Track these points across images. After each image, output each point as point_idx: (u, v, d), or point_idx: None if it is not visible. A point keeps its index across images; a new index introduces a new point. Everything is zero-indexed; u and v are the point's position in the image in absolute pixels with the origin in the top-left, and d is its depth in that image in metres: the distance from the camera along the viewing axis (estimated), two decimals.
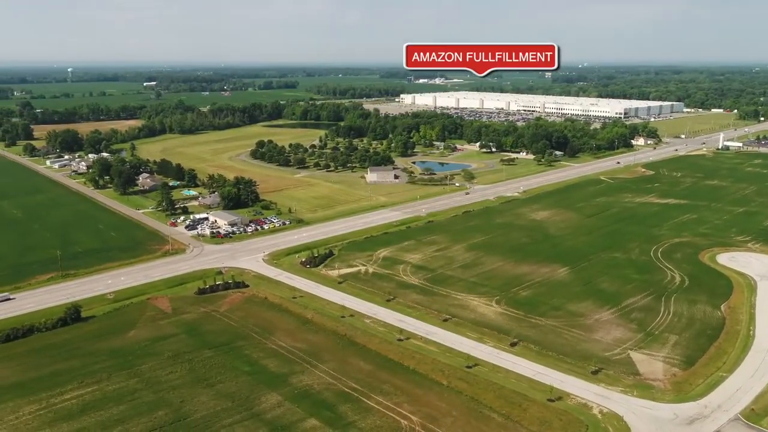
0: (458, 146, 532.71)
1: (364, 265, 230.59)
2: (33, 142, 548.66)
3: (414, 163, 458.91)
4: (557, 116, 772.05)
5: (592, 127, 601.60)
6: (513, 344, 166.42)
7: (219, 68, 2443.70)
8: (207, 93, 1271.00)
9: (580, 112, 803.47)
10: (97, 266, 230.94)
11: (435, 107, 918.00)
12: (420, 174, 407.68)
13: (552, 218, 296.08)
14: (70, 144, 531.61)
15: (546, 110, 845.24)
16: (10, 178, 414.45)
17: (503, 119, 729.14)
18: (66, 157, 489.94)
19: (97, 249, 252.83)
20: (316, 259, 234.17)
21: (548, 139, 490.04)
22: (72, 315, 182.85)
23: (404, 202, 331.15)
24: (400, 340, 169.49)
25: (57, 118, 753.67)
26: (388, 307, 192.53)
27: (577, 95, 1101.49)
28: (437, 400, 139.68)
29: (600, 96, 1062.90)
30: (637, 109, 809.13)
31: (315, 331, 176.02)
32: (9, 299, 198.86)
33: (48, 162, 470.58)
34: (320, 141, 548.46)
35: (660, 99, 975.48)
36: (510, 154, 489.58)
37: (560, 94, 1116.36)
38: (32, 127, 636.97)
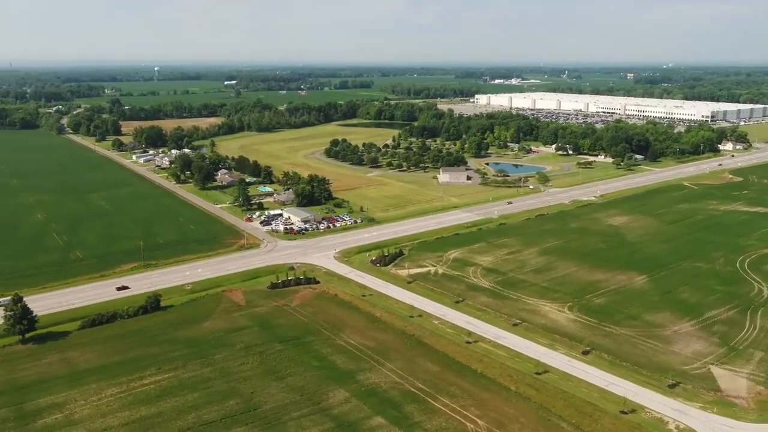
0: (533, 148, 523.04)
1: (434, 266, 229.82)
2: (121, 138, 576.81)
3: (487, 164, 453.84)
4: (638, 119, 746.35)
5: (675, 131, 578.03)
6: (585, 352, 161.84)
7: (296, 68, 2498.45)
8: (284, 92, 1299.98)
9: (663, 115, 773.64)
10: (177, 258, 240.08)
11: (510, 108, 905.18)
12: (493, 175, 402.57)
13: (630, 224, 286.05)
14: (155, 140, 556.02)
15: (627, 112, 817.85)
16: (100, 172, 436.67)
17: (581, 121, 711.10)
18: (151, 152, 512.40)
19: (177, 241, 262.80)
20: (386, 258, 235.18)
21: (628, 142, 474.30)
22: (152, 303, 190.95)
23: (476, 204, 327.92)
24: (468, 342, 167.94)
25: (143, 114, 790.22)
26: (457, 308, 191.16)
27: (661, 97, 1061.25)
28: (505, 405, 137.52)
29: (685, 98, 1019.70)
30: (725, 112, 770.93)
31: (383, 330, 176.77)
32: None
33: (134, 157, 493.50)
34: (393, 140, 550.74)
35: (751, 102, 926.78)
36: (587, 157, 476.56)
37: (642, 96, 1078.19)
38: (120, 123, 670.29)
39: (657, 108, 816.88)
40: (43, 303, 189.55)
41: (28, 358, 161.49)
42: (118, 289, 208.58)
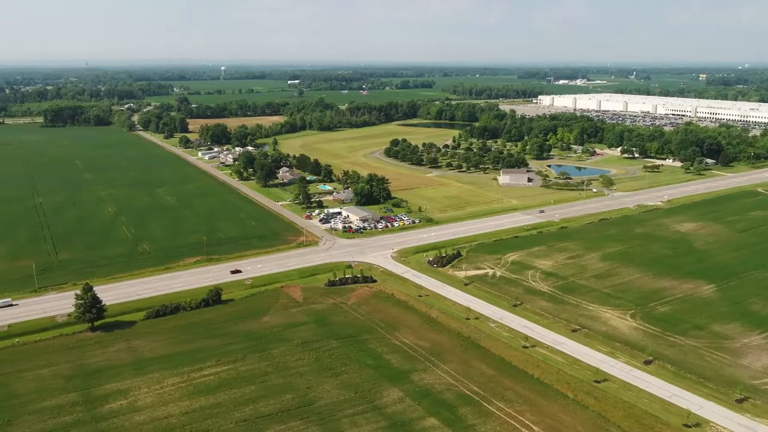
0: (597, 151, 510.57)
1: (491, 268, 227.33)
2: (188, 135, 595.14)
3: (549, 166, 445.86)
4: (710, 121, 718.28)
5: (750, 134, 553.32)
6: (647, 362, 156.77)
7: (358, 67, 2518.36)
8: (346, 91, 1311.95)
9: (737, 118, 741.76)
10: (238, 253, 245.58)
11: (574, 109, 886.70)
12: (555, 178, 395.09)
13: (698, 231, 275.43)
14: (220, 137, 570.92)
15: (698, 115, 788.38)
16: (167, 168, 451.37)
17: (648, 123, 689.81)
18: (215, 149, 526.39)
19: (239, 237, 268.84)
20: (443, 258, 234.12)
21: (699, 146, 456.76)
22: (214, 297, 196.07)
23: (537, 206, 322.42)
24: (525, 347, 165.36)
25: (209, 113, 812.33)
26: (514, 312, 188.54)
27: (735, 99, 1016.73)
28: (561, 412, 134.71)
29: (762, 100, 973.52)
30: None
31: (439, 331, 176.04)
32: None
33: (200, 153, 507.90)
34: (453, 141, 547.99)
35: None
36: (654, 160, 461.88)
37: (715, 98, 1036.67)
38: (188, 120, 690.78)
39: (731, 110, 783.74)
40: (112, 293, 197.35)
41: (97, 345, 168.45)
42: (232, 272, 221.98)
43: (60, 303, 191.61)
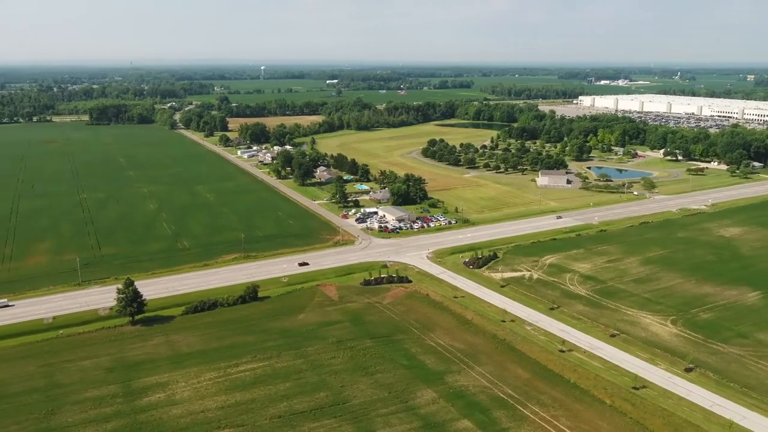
0: (639, 153, 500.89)
1: (528, 271, 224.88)
2: (227, 134, 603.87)
3: (589, 168, 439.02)
4: (758, 123, 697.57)
5: None
6: (688, 369, 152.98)
7: (397, 67, 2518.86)
8: (384, 91, 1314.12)
9: None
10: (275, 251, 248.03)
11: (616, 110, 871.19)
12: (595, 180, 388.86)
13: (744, 236, 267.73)
14: (259, 136, 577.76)
15: (745, 116, 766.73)
16: (207, 166, 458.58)
17: (693, 125, 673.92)
18: (254, 148, 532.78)
19: (276, 235, 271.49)
20: (479, 260, 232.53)
21: (746, 149, 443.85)
22: (250, 294, 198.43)
23: (576, 209, 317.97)
24: (561, 351, 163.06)
25: (249, 112, 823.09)
26: (551, 315, 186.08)
27: None
28: (598, 418, 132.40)
29: None
30: None
31: (474, 333, 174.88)
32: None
33: (239, 152, 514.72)
34: (491, 141, 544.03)
35: None
36: (698, 163, 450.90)
37: (764, 99, 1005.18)
38: (228, 119, 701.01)
39: None
40: (152, 288, 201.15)
41: (137, 338, 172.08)
42: (300, 264, 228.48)
43: (102, 296, 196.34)
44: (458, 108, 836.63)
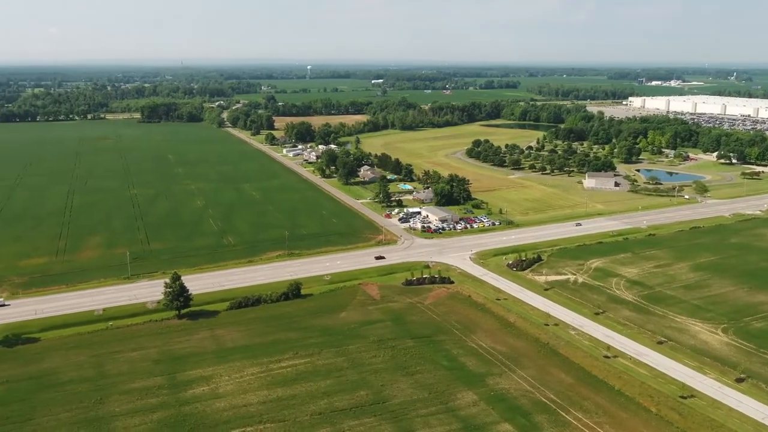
0: (691, 155, 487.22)
1: (573, 274, 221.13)
2: (273, 132, 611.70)
3: (638, 170, 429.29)
4: None
5: None
6: (740, 380, 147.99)
7: (442, 67, 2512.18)
8: (429, 91, 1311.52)
9: None
10: (318, 249, 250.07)
11: (667, 111, 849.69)
12: (644, 183, 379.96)
13: None
14: (304, 135, 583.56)
15: None
16: (253, 164, 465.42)
17: (749, 127, 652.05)
18: (299, 146, 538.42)
19: (319, 233, 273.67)
20: (523, 262, 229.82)
21: None
22: (293, 291, 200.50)
23: (623, 212, 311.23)
24: (606, 356, 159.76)
25: (295, 111, 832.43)
26: (596, 320, 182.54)
27: None
28: (643, 427, 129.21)
29: None
30: None
31: (516, 336, 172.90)
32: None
33: (284, 151, 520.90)
34: (537, 143, 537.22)
35: None
36: (754, 167, 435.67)
37: None
38: (274, 118, 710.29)
39: None
40: (198, 283, 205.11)
41: (183, 332, 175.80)
42: (377, 258, 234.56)
43: (150, 290, 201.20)
44: (504, 108, 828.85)
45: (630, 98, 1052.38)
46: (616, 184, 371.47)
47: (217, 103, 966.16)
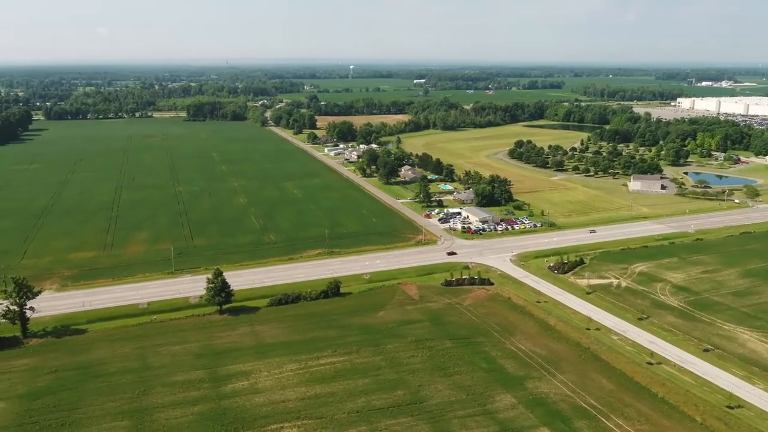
0: (742, 158, 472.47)
1: (617, 278, 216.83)
2: (315, 132, 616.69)
3: (686, 173, 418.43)
4: None
5: None
6: None
7: (485, 67, 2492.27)
8: (471, 91, 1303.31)
9: None
10: (357, 248, 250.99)
11: (718, 113, 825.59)
12: (692, 186, 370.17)
13: None
14: (345, 134, 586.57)
15: None
16: (295, 162, 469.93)
17: None
18: (341, 146, 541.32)
19: (359, 232, 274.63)
20: (565, 265, 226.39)
21: None
22: (333, 289, 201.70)
23: (670, 216, 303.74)
24: (650, 363, 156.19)
25: (337, 110, 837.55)
26: (639, 326, 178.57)
27: None
28: None
29: None
30: None
31: (557, 339, 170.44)
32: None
33: (326, 150, 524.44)
34: (582, 144, 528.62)
35: None
36: None
37: None
38: (316, 117, 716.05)
39: None
40: (239, 279, 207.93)
41: (224, 327, 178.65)
42: (448, 254, 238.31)
43: (193, 285, 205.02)
44: (547, 109, 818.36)
45: (678, 99, 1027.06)
46: (663, 187, 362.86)
47: (260, 102, 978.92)
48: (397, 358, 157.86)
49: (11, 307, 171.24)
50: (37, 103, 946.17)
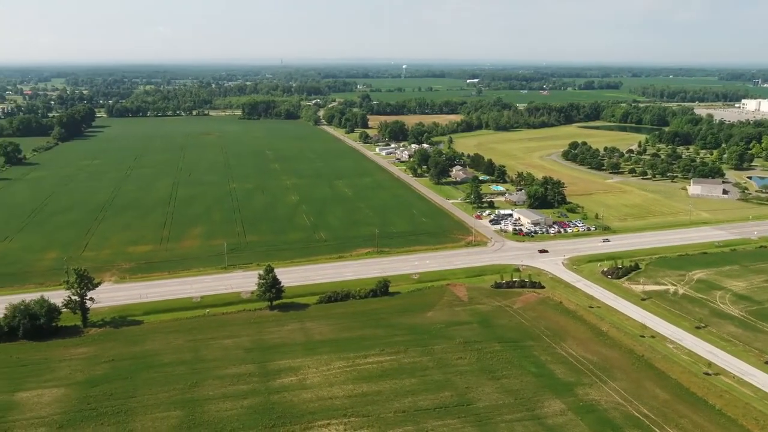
0: None
1: (673, 285, 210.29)
2: (367, 131, 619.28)
3: (750, 178, 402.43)
4: None
5: None
6: None
7: (540, 67, 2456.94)
8: (525, 91, 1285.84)
9: None
10: (407, 247, 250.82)
11: None
12: (756, 191, 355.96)
13: None
14: (397, 134, 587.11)
15: None
16: (347, 161, 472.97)
17: None
18: (392, 145, 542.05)
19: (408, 232, 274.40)
20: (619, 270, 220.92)
21: None
22: (381, 288, 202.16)
23: (732, 221, 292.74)
24: (707, 374, 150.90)
25: (389, 109, 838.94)
26: (697, 335, 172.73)
27: None
28: None
29: None
30: None
31: (609, 346, 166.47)
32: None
33: (377, 149, 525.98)
34: (639, 146, 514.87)
35: None
36: None
37: None
38: (368, 117, 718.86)
39: None
40: (290, 276, 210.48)
41: (274, 323, 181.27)
42: (540, 251, 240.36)
43: (245, 281, 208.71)
44: (604, 110, 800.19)
45: (743, 101, 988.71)
46: (725, 192, 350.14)
47: (313, 101, 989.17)
48: (444, 359, 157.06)
49: (73, 297, 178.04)
50: (100, 101, 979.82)
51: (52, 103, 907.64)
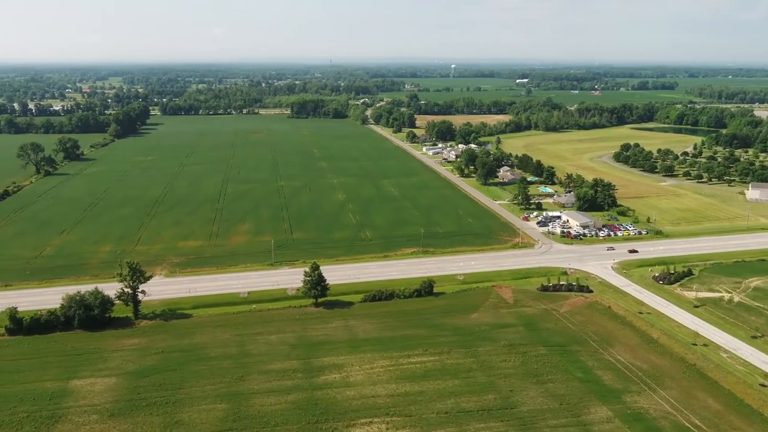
0: None
1: (729, 292, 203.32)
2: (414, 130, 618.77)
3: None
4: None
5: None
6: None
7: (591, 66, 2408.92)
8: (576, 91, 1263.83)
9: None
10: (452, 248, 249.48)
11: None
12: None
13: None
14: (444, 134, 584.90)
15: None
16: (393, 161, 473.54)
17: None
18: (440, 145, 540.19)
19: (454, 232, 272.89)
20: (671, 276, 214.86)
21: None
22: (426, 288, 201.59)
23: None
24: (763, 385, 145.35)
25: (436, 109, 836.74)
26: (753, 344, 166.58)
27: None
28: None
29: None
30: None
31: (659, 353, 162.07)
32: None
33: (424, 149, 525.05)
34: (694, 148, 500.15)
35: None
36: None
37: None
38: (416, 116, 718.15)
39: None
40: (335, 274, 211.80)
41: (318, 320, 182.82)
42: (630, 251, 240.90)
43: (291, 278, 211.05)
44: (658, 111, 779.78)
45: None
46: None
47: (361, 101, 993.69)
48: (488, 362, 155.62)
49: (125, 290, 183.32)
50: (155, 99, 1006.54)
51: (109, 101, 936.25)
